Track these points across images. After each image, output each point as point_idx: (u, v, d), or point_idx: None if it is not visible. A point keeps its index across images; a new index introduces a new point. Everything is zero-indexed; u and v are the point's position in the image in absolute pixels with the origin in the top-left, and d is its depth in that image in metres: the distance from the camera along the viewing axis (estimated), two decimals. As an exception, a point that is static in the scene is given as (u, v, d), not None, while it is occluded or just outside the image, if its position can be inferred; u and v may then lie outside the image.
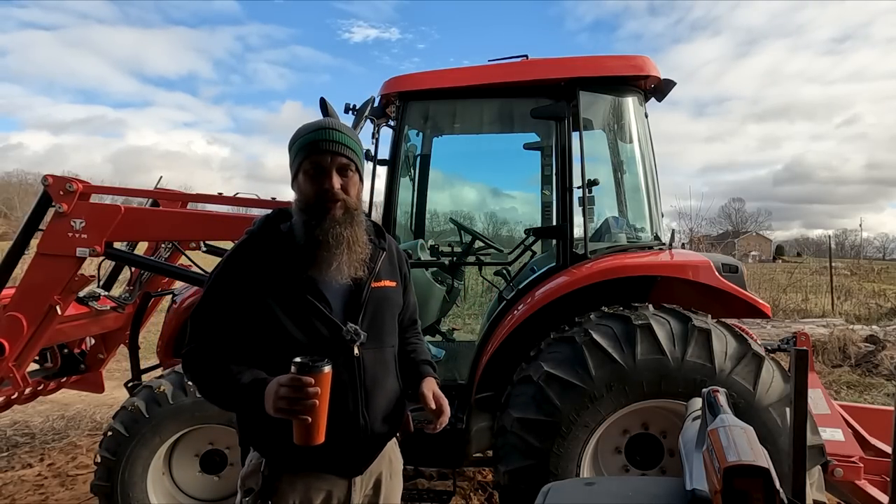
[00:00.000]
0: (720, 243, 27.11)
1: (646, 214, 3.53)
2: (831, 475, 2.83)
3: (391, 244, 1.80)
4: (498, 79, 3.30)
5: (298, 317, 1.55)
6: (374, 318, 1.64)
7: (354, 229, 1.57)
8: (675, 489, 1.30)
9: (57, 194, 3.36)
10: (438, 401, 1.69)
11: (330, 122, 1.62)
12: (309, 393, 1.34)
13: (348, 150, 1.57)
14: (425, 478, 4.13)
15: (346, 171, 1.57)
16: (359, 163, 1.62)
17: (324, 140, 1.54)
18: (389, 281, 1.71)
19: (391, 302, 1.72)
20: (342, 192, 1.55)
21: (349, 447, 1.59)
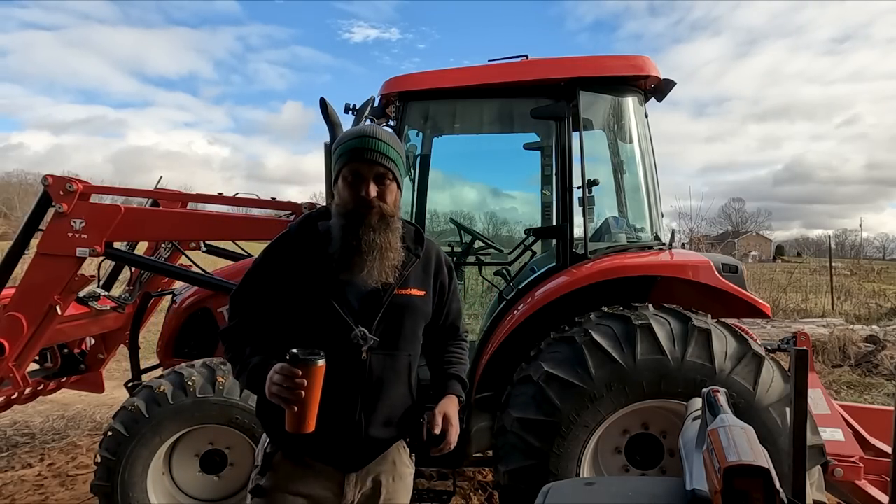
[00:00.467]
0: (720, 243, 27.11)
1: (646, 214, 3.53)
2: (831, 475, 2.83)
3: (431, 252, 1.80)
4: (498, 79, 3.30)
5: (316, 314, 1.63)
6: (392, 324, 1.67)
7: (388, 236, 1.62)
8: (675, 489, 1.30)
9: (57, 194, 3.37)
10: (445, 425, 1.65)
11: (372, 129, 1.65)
12: (296, 383, 1.41)
13: (387, 159, 1.62)
14: (425, 478, 4.13)
15: (383, 179, 1.62)
16: (397, 171, 1.66)
17: (364, 149, 1.60)
18: (417, 290, 1.72)
19: (415, 310, 1.72)
20: (378, 200, 1.61)
21: (343, 443, 1.66)
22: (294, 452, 1.68)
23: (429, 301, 1.76)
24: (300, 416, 1.45)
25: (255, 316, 1.70)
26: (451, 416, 1.67)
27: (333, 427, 1.62)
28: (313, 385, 1.43)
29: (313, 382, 1.43)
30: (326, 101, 3.12)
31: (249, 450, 3.10)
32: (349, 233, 1.60)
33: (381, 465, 1.73)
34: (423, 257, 1.75)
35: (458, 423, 1.70)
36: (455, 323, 1.90)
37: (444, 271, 1.83)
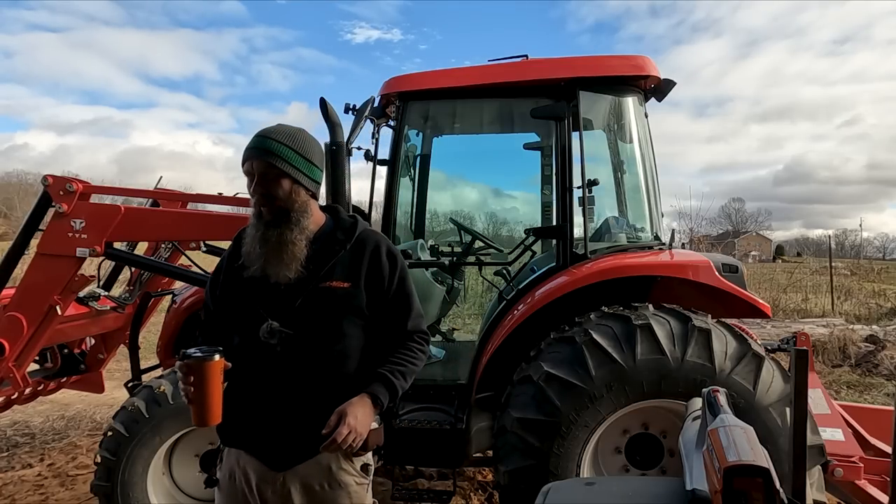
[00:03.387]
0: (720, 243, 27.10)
1: (646, 214, 3.53)
2: (831, 475, 2.82)
3: (366, 243, 1.74)
4: (498, 79, 3.30)
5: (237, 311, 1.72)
6: (313, 318, 1.66)
7: (284, 230, 1.64)
8: (675, 489, 1.30)
9: (57, 194, 3.36)
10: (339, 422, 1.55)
11: (267, 129, 1.69)
12: (187, 380, 1.49)
13: (273, 156, 1.63)
14: (425, 478, 4.13)
15: (271, 175, 1.64)
16: (287, 165, 1.65)
17: (251, 148, 1.66)
18: (341, 282, 1.68)
19: (337, 303, 1.68)
20: (267, 197, 1.64)
21: (267, 441, 1.68)
22: (231, 442, 1.75)
23: (356, 293, 1.69)
24: (198, 412, 1.52)
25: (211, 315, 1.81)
26: (349, 413, 1.57)
27: (257, 423, 1.67)
28: (203, 382, 1.49)
29: (203, 379, 1.49)
30: (326, 102, 3.12)
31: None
32: (250, 230, 1.69)
33: (312, 469, 1.67)
34: (351, 248, 1.72)
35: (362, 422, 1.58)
36: (404, 322, 1.78)
37: (384, 264, 1.74)
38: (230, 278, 1.75)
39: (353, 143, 3.22)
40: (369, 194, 3.65)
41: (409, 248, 3.63)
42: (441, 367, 3.87)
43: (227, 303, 1.76)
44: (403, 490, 3.44)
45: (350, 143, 3.18)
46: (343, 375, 1.69)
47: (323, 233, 1.75)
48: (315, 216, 1.74)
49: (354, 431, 1.56)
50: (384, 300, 1.74)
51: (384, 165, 3.47)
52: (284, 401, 1.66)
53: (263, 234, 1.65)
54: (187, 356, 1.49)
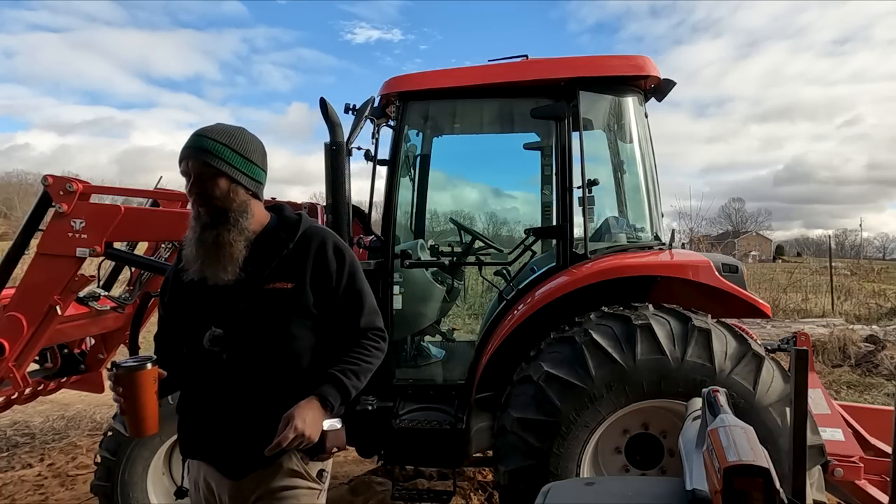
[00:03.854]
0: (720, 243, 27.09)
1: (646, 214, 3.53)
2: (831, 475, 2.82)
3: (311, 242, 1.69)
4: (498, 79, 3.30)
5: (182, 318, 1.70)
6: (257, 322, 1.62)
7: (221, 232, 1.60)
8: (675, 489, 1.30)
9: (57, 194, 3.36)
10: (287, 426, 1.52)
11: (204, 128, 1.65)
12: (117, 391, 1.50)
13: (209, 155, 1.59)
14: (425, 478, 4.13)
15: (207, 175, 1.60)
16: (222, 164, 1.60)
17: (187, 146, 1.62)
18: (284, 282, 1.63)
19: (281, 304, 1.63)
20: (203, 197, 1.61)
21: (218, 449, 1.65)
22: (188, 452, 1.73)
23: (301, 293, 1.64)
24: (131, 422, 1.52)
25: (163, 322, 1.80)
26: (296, 416, 1.53)
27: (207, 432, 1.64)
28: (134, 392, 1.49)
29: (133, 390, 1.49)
30: (326, 102, 3.12)
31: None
32: (189, 232, 1.66)
33: (265, 476, 1.63)
34: (294, 248, 1.66)
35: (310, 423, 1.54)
36: (356, 319, 1.72)
37: (330, 261, 1.68)
38: (176, 284, 1.72)
39: (353, 143, 3.22)
40: (369, 194, 3.65)
41: (409, 248, 3.63)
42: (441, 367, 3.87)
43: (174, 309, 1.73)
44: (403, 490, 3.44)
45: (350, 143, 3.18)
46: (293, 379, 1.64)
47: (266, 233, 1.70)
48: (257, 216, 1.69)
49: (301, 435, 1.52)
50: (333, 298, 1.69)
51: (384, 165, 3.47)
52: (235, 409, 1.62)
53: (200, 235, 1.61)
54: (116, 366, 1.49)
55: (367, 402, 3.28)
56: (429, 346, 4.08)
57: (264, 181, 1.73)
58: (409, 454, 3.34)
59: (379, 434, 3.25)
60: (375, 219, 3.73)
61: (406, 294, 3.53)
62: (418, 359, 3.90)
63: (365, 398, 3.30)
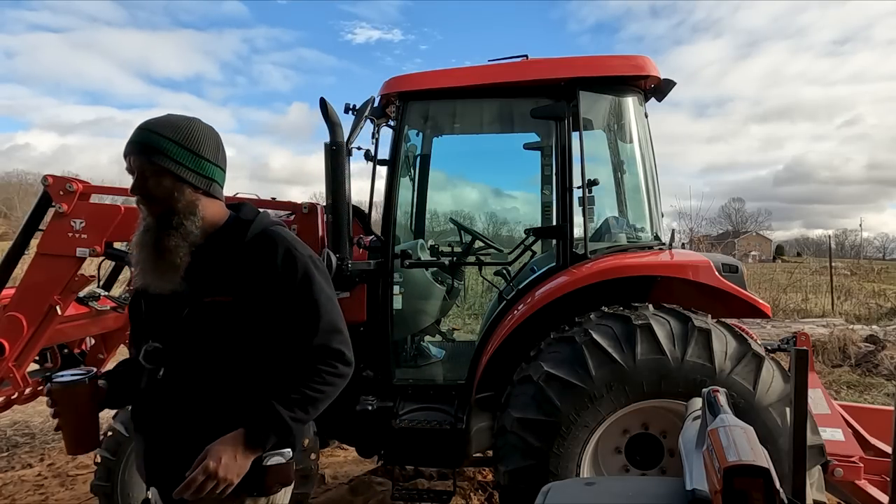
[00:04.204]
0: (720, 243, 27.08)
1: (646, 214, 3.53)
2: (831, 475, 2.82)
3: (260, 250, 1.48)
4: (498, 79, 3.30)
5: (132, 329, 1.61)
6: (193, 337, 1.45)
7: (162, 237, 1.43)
8: (675, 489, 1.30)
9: (57, 194, 3.36)
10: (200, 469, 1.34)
11: (149, 120, 1.49)
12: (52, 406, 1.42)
13: (151, 150, 1.43)
14: (425, 478, 4.13)
15: (150, 173, 1.44)
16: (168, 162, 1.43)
17: (129, 142, 1.47)
18: (224, 295, 1.44)
19: (219, 319, 1.44)
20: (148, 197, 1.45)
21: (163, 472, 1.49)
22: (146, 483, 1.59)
23: (241, 308, 1.45)
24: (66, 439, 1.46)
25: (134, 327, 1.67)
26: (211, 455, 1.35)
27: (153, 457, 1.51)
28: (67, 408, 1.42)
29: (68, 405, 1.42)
30: (326, 102, 3.12)
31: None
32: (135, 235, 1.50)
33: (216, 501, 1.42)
34: (240, 254, 1.47)
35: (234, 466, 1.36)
36: (309, 338, 1.47)
37: (279, 269, 1.47)
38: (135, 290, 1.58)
39: (353, 143, 3.22)
40: (369, 194, 3.65)
41: (409, 248, 3.63)
42: (441, 367, 3.87)
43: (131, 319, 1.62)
44: (403, 490, 3.44)
45: (350, 143, 3.19)
46: (233, 404, 1.45)
47: (217, 236, 1.51)
48: (210, 216, 1.50)
49: (214, 477, 1.33)
50: (282, 312, 1.47)
51: (384, 165, 3.47)
52: (171, 431, 1.46)
53: (141, 238, 1.46)
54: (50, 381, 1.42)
55: (367, 402, 3.28)
56: (429, 346, 4.08)
57: (220, 177, 1.54)
58: (409, 454, 3.34)
59: (379, 434, 3.25)
60: (375, 219, 3.74)
61: (406, 294, 3.53)
62: (418, 359, 3.90)
63: (365, 398, 3.30)
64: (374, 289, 3.36)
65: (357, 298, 3.36)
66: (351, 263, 3.17)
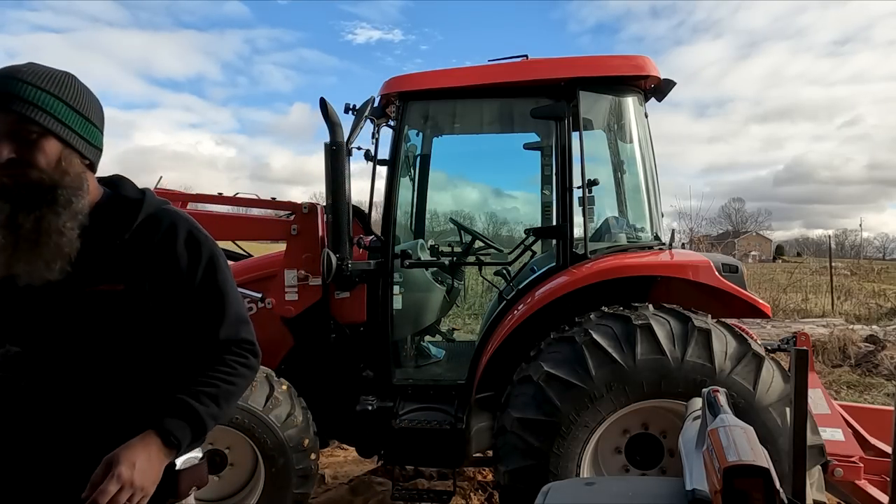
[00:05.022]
0: (720, 243, 27.10)
1: (646, 214, 3.53)
2: (831, 475, 2.82)
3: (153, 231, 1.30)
4: (498, 79, 3.30)
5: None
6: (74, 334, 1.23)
7: (47, 215, 1.17)
8: (675, 489, 1.30)
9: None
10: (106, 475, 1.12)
11: (12, 67, 1.17)
12: None
13: (30, 106, 1.14)
14: (425, 478, 4.13)
15: (23, 133, 1.14)
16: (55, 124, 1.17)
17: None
18: (112, 284, 1.24)
19: (107, 311, 1.24)
20: (19, 164, 1.14)
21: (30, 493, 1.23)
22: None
23: (135, 297, 1.25)
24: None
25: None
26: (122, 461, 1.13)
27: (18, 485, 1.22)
28: None
29: None
30: (326, 102, 3.12)
31: (250, 450, 3.10)
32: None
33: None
34: (131, 238, 1.27)
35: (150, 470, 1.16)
36: (215, 329, 1.32)
37: (180, 254, 1.30)
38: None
39: (353, 143, 3.22)
40: (369, 194, 3.66)
41: (409, 248, 3.63)
42: (441, 367, 3.87)
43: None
44: (403, 490, 3.44)
45: (350, 143, 3.19)
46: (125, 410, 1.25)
47: (97, 216, 1.26)
48: (91, 194, 1.27)
49: (129, 486, 1.12)
50: (185, 302, 1.31)
51: (384, 165, 3.47)
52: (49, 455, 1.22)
53: (10, 217, 1.15)
54: None
55: (367, 402, 3.28)
56: (429, 346, 4.08)
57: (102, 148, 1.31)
58: (409, 454, 3.34)
59: (379, 434, 3.25)
60: (375, 219, 3.74)
61: (406, 294, 3.54)
62: (418, 359, 3.90)
63: (365, 398, 3.30)
64: (374, 289, 3.36)
65: (357, 298, 3.36)
66: (351, 263, 3.17)
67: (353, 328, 3.38)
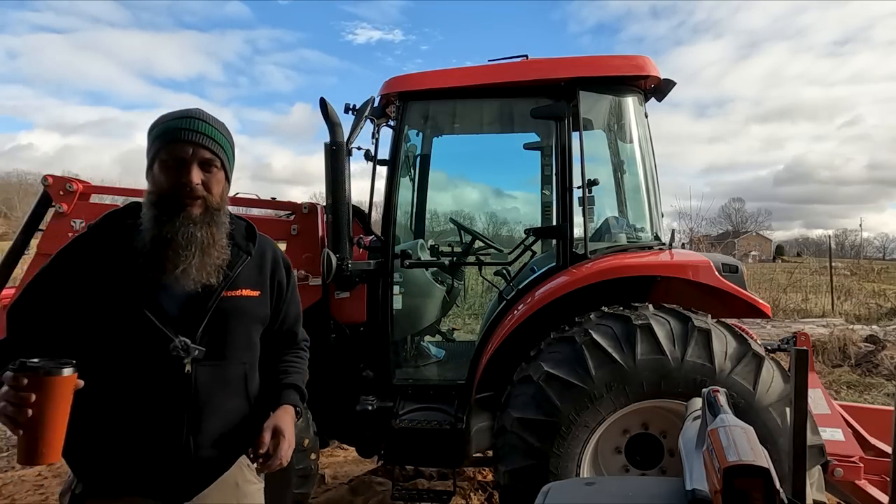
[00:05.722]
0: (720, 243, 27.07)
1: (646, 214, 3.53)
2: (831, 475, 2.82)
3: (266, 249, 1.65)
4: (498, 79, 3.30)
5: (124, 324, 1.41)
6: (221, 331, 1.50)
7: (212, 230, 1.45)
8: (675, 489, 1.30)
9: (57, 194, 3.36)
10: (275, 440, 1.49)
11: (197, 110, 1.49)
12: (21, 398, 1.14)
13: (214, 143, 1.45)
14: (425, 478, 4.13)
15: (209, 165, 1.45)
16: (226, 160, 1.50)
17: (187, 129, 1.42)
18: (250, 290, 1.56)
19: (247, 314, 1.56)
20: (202, 189, 1.43)
21: (170, 472, 1.45)
22: (110, 491, 1.44)
23: (265, 302, 1.61)
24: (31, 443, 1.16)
25: (36, 329, 1.42)
26: (284, 428, 1.51)
27: (157, 453, 1.44)
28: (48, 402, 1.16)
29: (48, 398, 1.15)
30: (326, 102, 3.12)
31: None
32: (164, 225, 1.40)
33: (220, 490, 1.53)
34: (255, 255, 1.59)
35: (293, 435, 1.54)
36: (293, 329, 1.74)
37: (282, 270, 1.67)
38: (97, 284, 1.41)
39: (353, 143, 3.22)
40: (369, 194, 3.65)
41: (409, 248, 3.63)
42: (441, 367, 3.87)
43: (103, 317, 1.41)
44: (403, 490, 3.44)
45: (350, 143, 3.19)
46: (250, 387, 1.59)
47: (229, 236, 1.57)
48: None
49: (291, 446, 1.52)
50: (281, 307, 1.67)
51: (384, 165, 3.47)
52: (192, 425, 1.46)
53: (186, 232, 1.40)
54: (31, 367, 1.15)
55: (367, 402, 3.28)
56: (429, 346, 4.08)
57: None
58: (409, 454, 3.34)
59: (379, 434, 3.25)
60: (375, 219, 3.74)
61: (406, 294, 3.53)
62: (418, 359, 3.89)
63: (365, 398, 3.30)
64: (374, 289, 3.36)
65: (357, 298, 3.36)
66: (351, 263, 3.17)
67: (353, 328, 3.38)
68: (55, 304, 1.43)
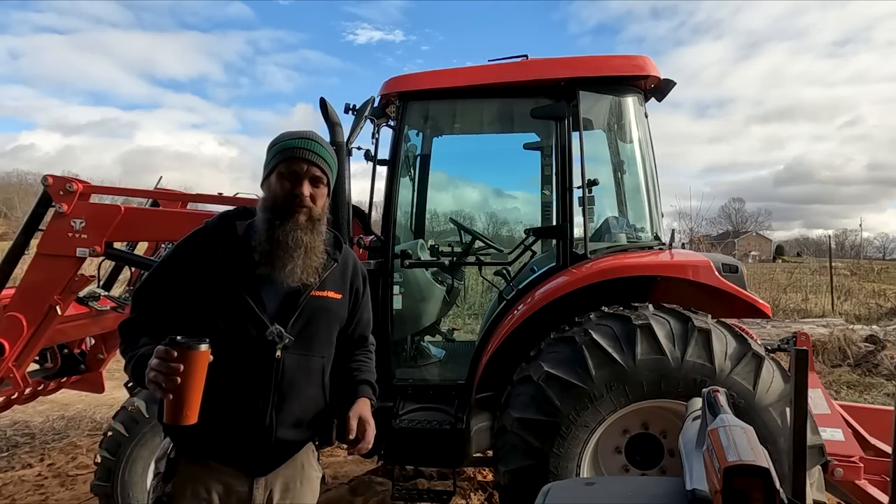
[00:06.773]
0: (720, 243, 27.10)
1: (646, 214, 3.53)
2: (831, 475, 2.83)
3: (348, 258, 1.85)
4: (498, 79, 3.30)
5: (229, 309, 1.63)
6: (308, 325, 1.69)
7: (314, 237, 1.66)
8: (675, 489, 1.30)
9: (57, 194, 3.37)
10: (362, 426, 1.66)
11: (312, 133, 1.71)
12: (172, 368, 1.37)
13: (325, 163, 1.68)
14: (425, 478, 4.13)
15: (317, 182, 1.67)
16: (331, 178, 1.72)
17: (304, 149, 1.65)
18: (334, 292, 1.76)
19: (330, 313, 1.75)
20: (310, 201, 1.65)
21: (251, 446, 1.65)
22: (199, 456, 1.65)
23: (345, 305, 1.80)
24: (177, 406, 1.39)
25: (158, 310, 1.66)
26: (367, 417, 1.68)
27: (242, 428, 1.63)
28: (191, 372, 1.37)
29: (192, 369, 1.37)
30: (327, 102, 3.12)
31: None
32: (277, 228, 1.62)
33: (289, 469, 1.73)
34: (341, 262, 1.79)
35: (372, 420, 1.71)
36: (364, 333, 1.92)
37: (360, 279, 1.87)
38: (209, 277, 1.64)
39: (353, 143, 3.22)
40: (369, 194, 3.65)
41: (409, 248, 3.63)
42: (441, 367, 3.87)
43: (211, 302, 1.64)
44: (403, 490, 3.44)
45: (350, 143, 3.18)
46: (325, 379, 1.77)
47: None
48: None
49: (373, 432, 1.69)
50: (356, 312, 1.86)
51: (384, 165, 3.47)
52: (276, 406, 1.65)
53: (297, 236, 1.62)
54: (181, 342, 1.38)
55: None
56: (429, 346, 4.08)
57: None
58: (409, 454, 3.34)
59: (379, 434, 3.24)
60: (375, 219, 3.74)
61: (406, 294, 3.53)
62: (418, 359, 3.90)
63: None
64: (374, 289, 3.36)
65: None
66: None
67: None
68: (174, 288, 1.66)
